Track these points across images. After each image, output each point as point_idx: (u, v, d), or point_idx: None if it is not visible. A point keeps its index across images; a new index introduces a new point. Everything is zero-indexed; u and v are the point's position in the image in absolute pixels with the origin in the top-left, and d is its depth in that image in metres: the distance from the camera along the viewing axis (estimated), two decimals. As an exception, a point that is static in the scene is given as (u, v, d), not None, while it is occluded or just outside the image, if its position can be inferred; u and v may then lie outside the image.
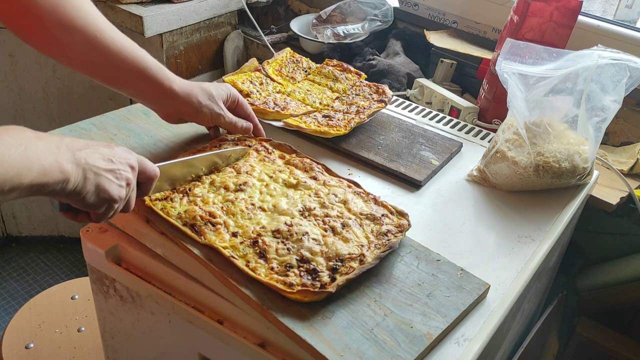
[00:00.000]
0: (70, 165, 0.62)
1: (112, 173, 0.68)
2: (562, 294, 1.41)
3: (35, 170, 0.57)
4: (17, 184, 0.55)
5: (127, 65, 0.84)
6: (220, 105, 0.93)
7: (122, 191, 0.69)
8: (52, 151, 0.60)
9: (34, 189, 0.58)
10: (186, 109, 0.90)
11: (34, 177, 0.57)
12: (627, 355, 1.35)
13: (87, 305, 1.46)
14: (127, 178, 0.70)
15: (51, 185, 0.59)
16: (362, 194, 0.91)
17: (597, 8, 2.76)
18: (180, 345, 0.93)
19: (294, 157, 0.97)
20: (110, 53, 0.82)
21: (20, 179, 0.55)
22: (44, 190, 0.59)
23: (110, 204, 0.69)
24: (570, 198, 1.03)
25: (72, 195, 0.64)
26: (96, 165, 0.66)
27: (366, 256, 0.79)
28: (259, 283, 0.75)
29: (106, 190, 0.67)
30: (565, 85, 0.97)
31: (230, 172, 0.91)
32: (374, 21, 1.65)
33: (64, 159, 0.61)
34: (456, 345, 0.73)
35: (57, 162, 0.60)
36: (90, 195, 0.66)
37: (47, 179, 0.59)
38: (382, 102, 1.16)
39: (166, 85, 0.87)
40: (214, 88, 0.93)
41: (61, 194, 0.62)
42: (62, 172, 0.60)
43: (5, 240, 2.24)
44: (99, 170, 0.66)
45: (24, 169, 0.55)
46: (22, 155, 0.55)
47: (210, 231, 0.80)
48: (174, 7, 1.60)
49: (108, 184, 0.67)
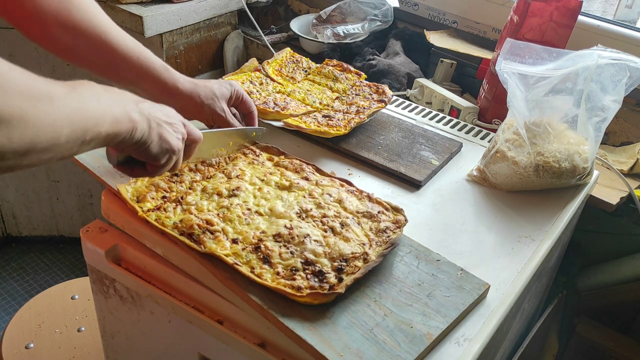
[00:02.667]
0: (137, 114, 0.65)
1: (170, 126, 0.71)
2: (562, 294, 1.41)
3: (109, 119, 0.60)
4: (96, 133, 0.58)
5: (132, 65, 0.85)
6: (222, 106, 0.93)
7: (180, 144, 0.73)
8: (120, 102, 0.63)
9: (109, 138, 0.60)
10: (188, 106, 0.91)
11: (108, 126, 0.59)
12: (627, 355, 1.35)
13: (87, 305, 1.46)
14: (182, 132, 0.74)
15: (122, 133, 0.62)
16: (356, 192, 0.91)
17: (597, 8, 2.76)
18: (180, 345, 0.93)
19: (283, 158, 0.97)
20: (115, 54, 0.84)
21: (98, 127, 0.58)
22: (116, 139, 0.62)
23: (170, 155, 0.72)
24: (570, 198, 1.03)
25: (138, 144, 0.66)
26: (157, 116, 0.69)
27: (369, 254, 0.79)
28: (259, 284, 0.75)
29: (167, 141, 0.70)
30: (565, 85, 0.97)
31: (221, 178, 0.91)
32: (374, 21, 1.65)
33: (130, 109, 0.64)
34: (456, 345, 0.73)
35: (126, 111, 0.63)
36: (155, 145, 0.69)
37: (119, 127, 0.61)
38: (382, 102, 1.16)
39: (170, 84, 0.88)
40: (218, 87, 0.94)
41: (129, 142, 0.65)
42: (131, 121, 0.63)
43: (5, 240, 2.24)
44: (160, 121, 0.69)
45: (100, 119, 0.58)
46: (97, 106, 0.58)
47: (209, 239, 0.79)
48: (174, 7, 1.60)
49: (168, 134, 0.70)
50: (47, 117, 0.50)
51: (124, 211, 0.87)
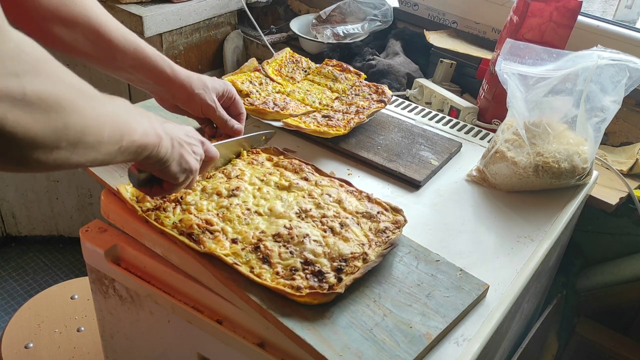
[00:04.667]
0: (161, 131, 0.67)
1: (190, 146, 0.74)
2: (561, 294, 1.41)
3: (140, 130, 0.62)
4: (131, 142, 0.60)
5: (129, 57, 0.86)
6: (213, 98, 0.94)
7: (197, 164, 0.75)
8: (147, 118, 0.65)
9: (139, 149, 0.63)
10: (180, 94, 0.92)
11: (139, 136, 0.61)
12: (627, 355, 1.35)
13: (86, 305, 1.46)
14: (200, 153, 0.76)
15: (150, 147, 0.64)
16: (355, 192, 0.91)
17: (597, 8, 2.76)
18: (180, 345, 0.93)
19: (282, 158, 0.97)
20: (113, 47, 0.85)
21: (132, 136, 0.60)
22: (144, 153, 0.64)
23: (188, 174, 0.74)
24: (569, 198, 1.03)
25: (161, 162, 0.68)
26: (179, 136, 0.71)
27: (369, 254, 0.79)
28: (258, 284, 0.75)
29: (187, 161, 0.73)
30: (564, 85, 0.97)
31: (220, 178, 0.91)
32: (373, 21, 1.65)
33: (156, 125, 0.66)
34: (455, 345, 0.73)
35: (153, 127, 0.65)
36: (175, 164, 0.71)
37: (148, 140, 0.63)
38: (382, 102, 1.16)
39: (165, 73, 0.89)
40: (211, 81, 0.95)
41: (154, 158, 0.67)
42: (157, 136, 0.66)
43: (4, 240, 2.24)
44: (182, 141, 0.72)
45: (132, 128, 0.60)
46: (128, 116, 0.61)
47: (209, 239, 0.79)
48: (174, 7, 1.60)
49: (187, 155, 0.73)
50: (94, 113, 0.53)
51: (123, 211, 0.87)
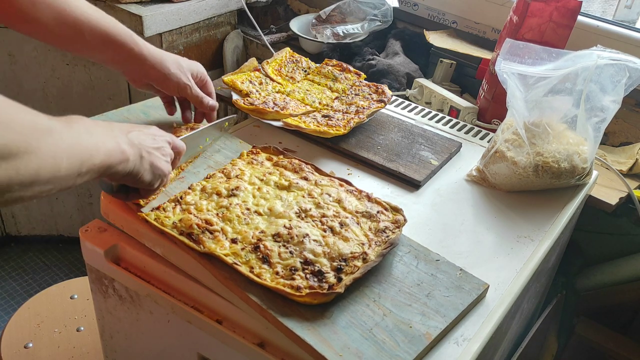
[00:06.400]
0: (127, 146, 0.67)
1: (159, 150, 0.74)
2: (561, 294, 1.41)
3: (102, 152, 0.62)
4: (91, 166, 0.61)
5: (97, 35, 0.86)
6: (188, 77, 0.95)
7: (169, 167, 0.77)
8: (110, 134, 0.66)
9: (102, 169, 0.63)
10: (155, 73, 0.92)
11: (102, 158, 0.62)
12: (626, 355, 1.35)
13: (86, 304, 1.46)
14: (170, 154, 0.77)
15: (114, 165, 0.65)
16: (355, 192, 0.91)
17: (597, 8, 2.75)
18: (179, 345, 0.93)
19: (282, 158, 0.97)
20: (79, 24, 0.85)
21: (93, 160, 0.61)
22: (109, 171, 0.65)
23: (162, 178, 0.76)
24: (569, 198, 1.03)
25: (131, 175, 0.70)
26: (146, 144, 0.72)
27: (368, 254, 0.79)
28: (258, 283, 0.75)
29: (158, 167, 0.74)
30: (564, 85, 0.97)
31: (220, 177, 0.91)
32: (373, 21, 1.65)
33: (121, 141, 0.67)
34: (455, 345, 0.73)
35: (117, 144, 0.66)
36: (147, 174, 0.72)
37: (112, 159, 0.64)
38: (382, 102, 1.16)
39: (135, 50, 0.89)
40: (185, 61, 0.96)
41: (122, 173, 0.68)
42: (122, 153, 0.66)
43: (4, 240, 2.23)
44: (150, 149, 0.72)
45: (94, 152, 0.61)
46: (89, 139, 0.61)
47: (208, 239, 0.79)
48: (174, 6, 1.60)
49: (158, 161, 0.74)
50: (49, 150, 0.54)
51: (123, 211, 0.87)
